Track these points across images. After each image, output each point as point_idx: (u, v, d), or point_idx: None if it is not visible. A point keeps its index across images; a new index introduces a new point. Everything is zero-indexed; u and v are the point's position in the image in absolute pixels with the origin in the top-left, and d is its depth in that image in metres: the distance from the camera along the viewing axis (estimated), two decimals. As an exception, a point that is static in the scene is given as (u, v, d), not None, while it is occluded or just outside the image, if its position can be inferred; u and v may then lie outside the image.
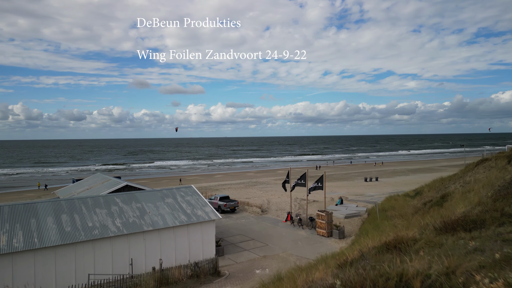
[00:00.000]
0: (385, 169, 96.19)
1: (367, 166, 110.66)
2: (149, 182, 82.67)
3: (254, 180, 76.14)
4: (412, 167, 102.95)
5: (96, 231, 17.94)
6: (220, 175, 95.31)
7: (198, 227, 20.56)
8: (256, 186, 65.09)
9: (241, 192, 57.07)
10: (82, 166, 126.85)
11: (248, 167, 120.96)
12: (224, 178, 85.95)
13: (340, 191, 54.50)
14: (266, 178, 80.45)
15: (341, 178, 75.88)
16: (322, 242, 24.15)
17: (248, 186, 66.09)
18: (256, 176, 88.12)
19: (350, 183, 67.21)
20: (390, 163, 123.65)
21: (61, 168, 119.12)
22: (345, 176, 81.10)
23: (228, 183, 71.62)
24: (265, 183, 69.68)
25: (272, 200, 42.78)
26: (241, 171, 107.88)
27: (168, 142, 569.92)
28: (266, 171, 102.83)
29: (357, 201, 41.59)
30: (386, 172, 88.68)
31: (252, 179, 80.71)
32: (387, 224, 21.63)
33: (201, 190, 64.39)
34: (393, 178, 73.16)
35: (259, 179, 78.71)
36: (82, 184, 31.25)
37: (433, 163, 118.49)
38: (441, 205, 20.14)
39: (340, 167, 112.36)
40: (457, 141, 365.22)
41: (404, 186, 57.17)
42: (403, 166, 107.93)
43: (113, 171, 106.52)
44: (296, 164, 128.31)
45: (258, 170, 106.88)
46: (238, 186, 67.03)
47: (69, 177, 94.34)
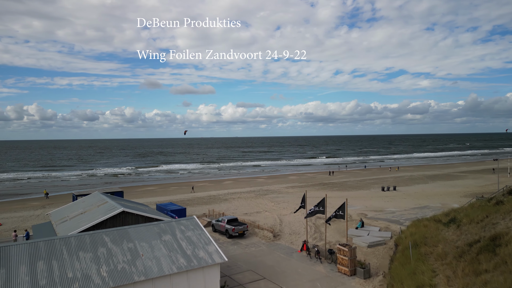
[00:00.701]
0: (401, 175, 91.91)
1: (383, 172, 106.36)
2: (157, 189, 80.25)
3: (264, 188, 72.95)
4: (430, 172, 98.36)
5: (76, 285, 14.96)
6: (229, 181, 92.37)
7: (200, 273, 17.44)
8: (267, 196, 61.88)
9: (251, 204, 53.92)
10: (89, 170, 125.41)
11: (258, 171, 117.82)
12: (234, 185, 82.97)
13: (357, 204, 50.92)
14: (277, 186, 77.18)
15: (356, 186, 72.12)
16: (345, 284, 20.78)
17: (259, 195, 62.94)
18: (266, 182, 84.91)
19: (366, 192, 63.44)
20: (406, 167, 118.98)
21: (69, 172, 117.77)
22: (360, 183, 77.28)
23: (238, 192, 68.59)
24: (277, 192, 66.42)
25: (285, 219, 39.40)
26: (251, 176, 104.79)
27: (178, 143, 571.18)
28: (277, 177, 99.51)
29: (378, 219, 37.96)
30: (403, 179, 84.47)
31: (262, 186, 77.56)
32: (425, 269, 18.12)
33: (209, 199, 61.55)
34: (411, 187, 69.09)
35: (270, 187, 75.51)
36: (78, 205, 28.49)
37: (452, 167, 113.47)
38: (493, 251, 16.57)
39: (354, 172, 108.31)
40: (473, 142, 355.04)
41: (426, 199, 53.25)
42: (420, 171, 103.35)
43: (119, 177, 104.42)
44: (308, 169, 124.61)
45: (269, 176, 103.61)
46: (248, 195, 63.94)
47: (75, 183, 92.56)
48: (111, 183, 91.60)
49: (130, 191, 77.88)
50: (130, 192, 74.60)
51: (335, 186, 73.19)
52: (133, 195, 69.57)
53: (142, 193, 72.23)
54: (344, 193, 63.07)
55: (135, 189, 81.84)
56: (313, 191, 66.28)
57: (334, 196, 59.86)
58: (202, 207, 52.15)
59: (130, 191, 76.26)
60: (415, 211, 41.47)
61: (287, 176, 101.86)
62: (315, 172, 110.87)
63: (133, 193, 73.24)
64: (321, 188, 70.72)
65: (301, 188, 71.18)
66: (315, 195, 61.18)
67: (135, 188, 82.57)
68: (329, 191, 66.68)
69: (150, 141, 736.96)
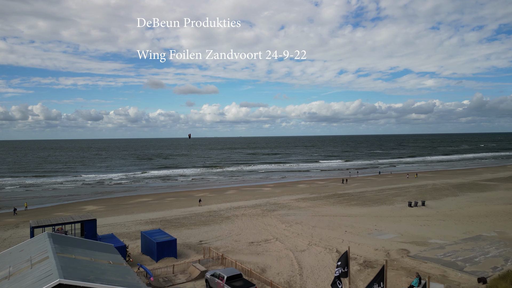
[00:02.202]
0: (422, 184, 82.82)
1: (400, 179, 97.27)
2: (151, 200, 71.82)
3: (272, 201, 64.28)
4: (453, 180, 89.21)
5: None
6: (232, 190, 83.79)
7: None
8: (275, 213, 53.22)
9: (258, 225, 45.26)
10: (82, 176, 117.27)
11: (264, 178, 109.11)
12: (237, 195, 74.42)
13: (386, 228, 42.03)
14: (286, 197, 68.50)
15: (376, 200, 63.19)
16: None
17: (266, 211, 54.26)
18: (273, 193, 76.23)
19: (391, 209, 54.52)
20: (424, 173, 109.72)
21: (60, 178, 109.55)
22: (380, 195, 68.33)
23: (242, 206, 60.01)
24: (286, 207, 57.71)
25: (304, 261, 30.17)
26: (257, 184, 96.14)
27: (181, 143, 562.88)
28: (284, 185, 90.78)
29: (426, 260, 29.06)
30: (426, 189, 75.45)
31: (269, 197, 68.94)
32: None
33: (208, 217, 52.76)
34: (441, 201, 60.10)
35: (278, 199, 66.87)
36: (11, 257, 19.88)
37: (474, 174, 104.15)
38: None
39: (368, 179, 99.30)
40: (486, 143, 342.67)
41: (471, 222, 44.06)
42: (441, 178, 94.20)
43: (112, 185, 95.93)
44: (317, 175, 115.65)
45: (276, 184, 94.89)
46: (254, 211, 55.33)
47: (62, 193, 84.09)
48: (101, 193, 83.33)
49: (120, 203, 69.54)
50: (119, 205, 66.26)
51: (352, 199, 64.34)
52: (122, 209, 61.13)
53: (132, 207, 63.77)
54: (365, 210, 54.24)
55: (127, 200, 73.47)
56: (328, 206, 57.49)
57: (354, 214, 51.03)
58: (198, 230, 43.54)
59: (121, 204, 67.92)
60: (469, 245, 32.49)
61: (296, 184, 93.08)
62: (326, 179, 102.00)
63: (123, 206, 64.81)
64: (337, 202, 61.91)
65: (313, 202, 62.43)
66: (331, 212, 52.36)
67: (127, 200, 74.19)
68: (346, 206, 57.91)
69: (153, 141, 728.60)
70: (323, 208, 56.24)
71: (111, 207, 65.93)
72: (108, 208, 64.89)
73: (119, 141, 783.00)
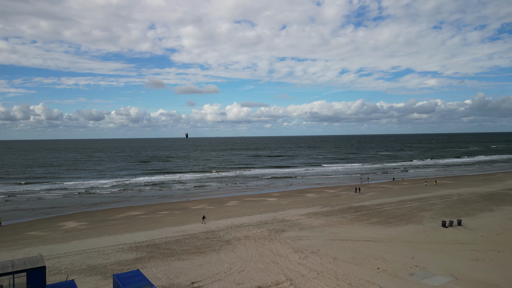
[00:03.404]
0: (446, 194, 74.06)
1: (417, 187, 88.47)
2: (142, 214, 63.21)
3: (279, 216, 55.67)
4: (478, 189, 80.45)
5: None
6: (233, 201, 75.15)
7: None
8: (284, 235, 44.60)
9: (265, 256, 36.64)
10: (71, 182, 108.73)
11: (268, 185, 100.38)
12: (239, 208, 65.84)
13: (425, 260, 33.34)
14: (295, 211, 59.85)
15: (400, 216, 54.40)
16: None
17: (273, 233, 45.63)
18: (280, 204, 67.58)
19: (422, 230, 45.77)
20: (442, 179, 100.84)
21: (45, 185, 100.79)
22: (402, 209, 59.54)
23: (245, 224, 51.40)
24: (297, 226, 49.03)
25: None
26: (260, 192, 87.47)
27: (182, 143, 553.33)
28: (291, 194, 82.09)
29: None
30: (451, 200, 66.75)
31: (276, 211, 60.34)
32: None
33: (204, 241, 43.80)
34: (479, 219, 51.36)
35: (285, 213, 58.28)
36: None
37: (498, 181, 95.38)
38: None
39: (383, 187, 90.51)
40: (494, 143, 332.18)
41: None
42: (463, 186, 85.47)
43: (101, 194, 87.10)
44: (326, 182, 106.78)
45: (281, 192, 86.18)
46: (259, 231, 46.76)
47: (42, 205, 75.33)
48: (87, 205, 74.68)
49: (106, 218, 60.93)
50: (104, 221, 57.55)
51: (372, 215, 55.59)
52: (106, 227, 52.38)
53: (118, 224, 55.12)
54: (391, 231, 45.47)
55: (114, 214, 64.87)
56: (346, 226, 48.72)
57: (380, 237, 42.23)
58: (191, 263, 34.86)
59: (106, 219, 59.24)
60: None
61: (303, 192, 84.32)
62: (336, 187, 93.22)
63: (108, 223, 56.08)
64: (355, 218, 53.18)
65: (327, 218, 53.72)
66: (352, 234, 43.30)
67: (114, 213, 65.60)
68: (367, 225, 49.18)
69: (154, 142, 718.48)
70: (340, 228, 47.53)
71: (94, 223, 57.38)
72: (90, 225, 56.33)
73: (119, 141, 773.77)
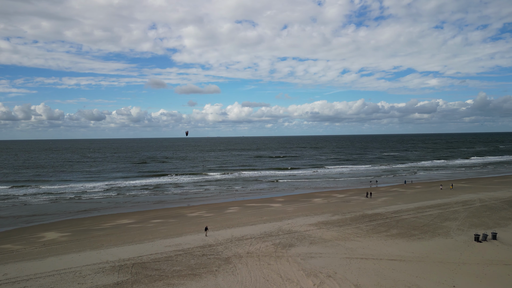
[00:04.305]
0: (466, 199, 67.67)
1: (432, 191, 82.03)
2: (132, 223, 56.91)
3: (285, 227, 49.36)
4: (499, 193, 74.08)
5: None
6: (234, 207, 68.85)
7: None
8: (293, 250, 38.32)
9: (271, 280, 30.45)
10: (61, 185, 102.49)
11: (271, 189, 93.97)
12: (240, 215, 59.57)
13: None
14: (302, 220, 53.52)
15: (423, 227, 48.00)
16: None
17: (280, 249, 39.32)
18: (285, 212, 61.26)
19: (453, 245, 39.40)
20: (457, 182, 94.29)
21: (32, 189, 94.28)
22: (422, 218, 53.11)
23: (246, 236, 45.13)
24: (306, 239, 42.72)
25: None
26: (263, 197, 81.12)
27: (183, 143, 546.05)
28: (296, 199, 75.74)
29: None
30: (475, 207, 60.39)
31: (281, 220, 54.07)
32: None
33: (199, 260, 36.51)
34: (513, 231, 44.97)
35: (292, 222, 52.03)
36: None
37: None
38: None
39: (394, 191, 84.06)
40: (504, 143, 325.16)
41: None
42: (483, 190, 79.08)
43: (92, 199, 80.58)
44: (333, 185, 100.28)
45: (286, 197, 79.80)
46: (263, 246, 40.53)
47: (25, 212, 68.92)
48: (74, 212, 68.34)
49: (92, 227, 54.57)
50: (89, 231, 51.08)
51: (390, 225, 49.19)
52: (89, 239, 45.94)
53: (104, 235, 48.77)
54: (417, 247, 39.06)
55: (102, 222, 58.57)
56: (362, 239, 42.32)
57: (406, 255, 35.80)
58: (182, 293, 28.53)
59: (92, 229, 52.77)
60: None
61: (310, 197, 77.94)
62: (344, 191, 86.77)
63: (93, 233, 49.63)
64: (371, 229, 46.81)
65: (340, 229, 47.37)
66: (371, 250, 36.68)
67: (102, 221, 59.28)
68: (387, 238, 42.83)
69: (154, 141, 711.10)
70: (357, 242, 41.16)
71: (78, 234, 51.10)
72: (73, 236, 50.05)
73: (119, 142, 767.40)
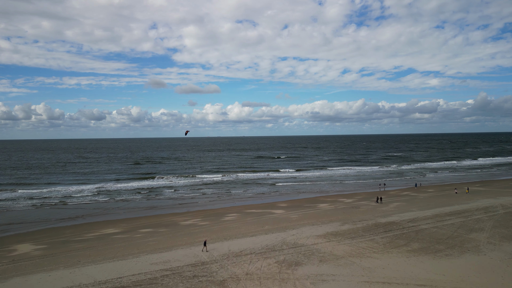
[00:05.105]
0: (486, 205, 61.56)
1: (447, 195, 75.97)
2: (118, 232, 50.83)
3: (290, 239, 43.36)
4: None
5: None
6: (232, 214, 62.80)
7: None
8: (300, 271, 32.34)
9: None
10: (48, 188, 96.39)
11: (272, 193, 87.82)
12: (239, 224, 53.56)
13: None
14: (309, 230, 47.48)
15: (447, 240, 41.91)
16: None
17: (285, 269, 33.31)
18: (289, 220, 55.19)
19: (489, 265, 33.32)
20: (472, 185, 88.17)
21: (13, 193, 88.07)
22: (443, 228, 46.99)
23: (245, 251, 39.12)
24: (315, 255, 36.69)
25: None
26: (264, 202, 75.04)
27: (182, 143, 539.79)
28: (300, 204, 69.68)
29: None
30: (499, 214, 54.35)
31: (285, 230, 48.07)
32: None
33: (191, 279, 29.55)
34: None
35: (297, 233, 46.02)
36: None
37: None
38: None
39: (406, 195, 77.96)
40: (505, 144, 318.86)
41: None
42: (502, 195, 73.02)
43: (78, 205, 74.31)
44: (339, 189, 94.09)
45: (289, 202, 73.70)
46: (264, 264, 34.56)
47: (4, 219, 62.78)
48: (55, 220, 62.16)
49: (72, 238, 48.41)
50: (68, 243, 44.78)
51: (409, 237, 43.09)
52: (66, 253, 39.79)
53: (84, 249, 42.64)
54: (445, 266, 33.00)
55: (84, 232, 52.47)
56: (380, 255, 36.20)
57: (437, 280, 29.74)
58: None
59: (71, 240, 46.53)
60: None
61: (315, 202, 71.87)
62: (351, 195, 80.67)
63: (72, 246, 43.47)
64: (389, 243, 40.73)
65: (352, 242, 41.34)
66: (393, 271, 30.05)
67: (85, 231, 53.18)
68: (409, 254, 36.77)
69: (154, 141, 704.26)
70: (374, 260, 35.06)
71: (55, 246, 45.07)
72: (49, 249, 44.02)
73: (118, 141, 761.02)
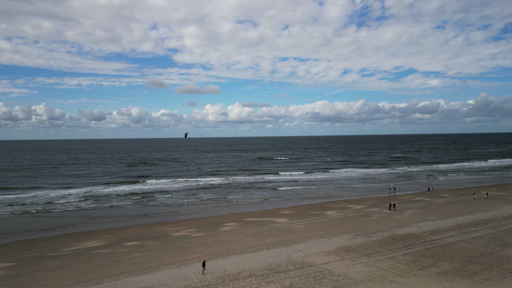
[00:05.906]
0: (509, 213, 55.37)
1: (464, 200, 69.82)
2: (99, 248, 44.67)
3: (296, 257, 37.31)
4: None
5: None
6: (231, 223, 56.66)
7: None
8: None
9: None
10: (35, 191, 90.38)
11: (275, 198, 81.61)
12: (237, 236, 47.46)
13: None
14: (317, 245, 41.40)
15: (483, 260, 35.86)
16: None
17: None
18: (294, 232, 49.05)
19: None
20: (488, 189, 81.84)
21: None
22: (471, 241, 40.87)
23: (245, 272, 33.15)
24: (328, 279, 30.73)
25: None
26: (266, 209, 68.87)
27: (182, 144, 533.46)
28: (305, 212, 63.51)
29: None
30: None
31: (290, 244, 42.04)
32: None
33: None
34: None
35: (304, 248, 39.99)
36: None
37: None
38: None
39: (419, 201, 71.72)
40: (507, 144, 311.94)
41: None
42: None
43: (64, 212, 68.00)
44: (345, 193, 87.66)
45: (293, 209, 67.49)
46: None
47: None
48: (33, 230, 55.93)
49: (47, 253, 42.17)
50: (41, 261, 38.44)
51: (437, 256, 36.95)
52: (35, 274, 33.66)
53: (56, 268, 36.52)
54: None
55: (63, 244, 46.32)
56: (404, 280, 30.13)
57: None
58: None
59: (45, 256, 40.28)
60: None
61: (321, 209, 65.68)
62: (361, 200, 74.48)
63: (44, 264, 37.26)
64: (413, 263, 34.67)
65: (369, 260, 35.25)
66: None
67: (64, 243, 47.02)
68: (440, 279, 30.85)
69: (153, 142, 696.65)
70: (400, 286, 28.95)
71: (24, 264, 38.94)
72: (16, 268, 37.92)
73: (117, 142, 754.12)
